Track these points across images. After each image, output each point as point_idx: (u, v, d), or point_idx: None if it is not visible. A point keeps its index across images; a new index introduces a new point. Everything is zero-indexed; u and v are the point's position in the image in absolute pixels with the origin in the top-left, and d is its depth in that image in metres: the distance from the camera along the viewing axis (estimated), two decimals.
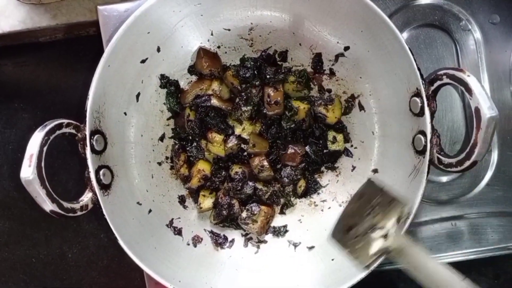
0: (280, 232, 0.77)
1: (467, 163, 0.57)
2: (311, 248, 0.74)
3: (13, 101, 1.02)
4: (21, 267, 1.01)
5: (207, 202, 0.76)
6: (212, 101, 0.75)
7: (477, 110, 0.54)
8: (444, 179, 0.82)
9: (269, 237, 0.77)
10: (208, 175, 0.76)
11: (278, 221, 0.79)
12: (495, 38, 0.81)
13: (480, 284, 0.93)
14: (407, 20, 0.81)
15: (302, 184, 0.78)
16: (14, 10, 0.89)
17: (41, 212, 0.98)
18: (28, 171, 0.54)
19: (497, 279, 0.93)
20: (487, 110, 0.53)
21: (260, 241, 0.77)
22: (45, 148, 0.56)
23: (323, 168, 0.79)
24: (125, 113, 0.71)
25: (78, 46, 1.00)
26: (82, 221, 1.00)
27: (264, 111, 0.76)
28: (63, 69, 1.03)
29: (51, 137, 0.57)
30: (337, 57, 0.74)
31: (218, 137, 0.76)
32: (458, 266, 0.91)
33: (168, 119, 0.77)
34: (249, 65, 0.75)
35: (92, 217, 1.00)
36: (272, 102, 0.74)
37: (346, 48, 0.72)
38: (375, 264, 0.63)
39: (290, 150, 0.76)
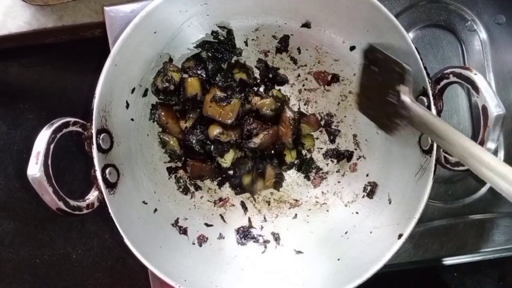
0: (285, 232, 0.77)
1: None
2: (317, 248, 0.74)
3: (19, 102, 1.02)
4: (25, 267, 1.01)
5: None
6: None
7: (484, 108, 0.54)
8: (450, 179, 0.82)
9: (274, 237, 0.77)
10: None
11: (284, 221, 0.79)
12: (500, 38, 0.81)
13: (485, 286, 0.93)
14: (413, 21, 0.81)
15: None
16: (20, 11, 0.89)
17: (46, 213, 0.99)
18: (35, 169, 0.54)
19: (502, 281, 0.93)
20: (494, 108, 0.53)
21: (265, 241, 0.76)
22: (52, 146, 0.56)
23: (327, 168, 0.80)
24: (131, 113, 0.71)
25: (83, 48, 1.00)
26: (86, 222, 1.00)
27: None
28: (68, 70, 1.03)
29: (58, 135, 0.58)
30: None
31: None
32: (463, 267, 0.91)
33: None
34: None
35: (96, 218, 0.99)
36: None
37: (352, 48, 0.72)
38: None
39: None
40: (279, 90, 0.79)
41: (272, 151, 0.79)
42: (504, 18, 0.81)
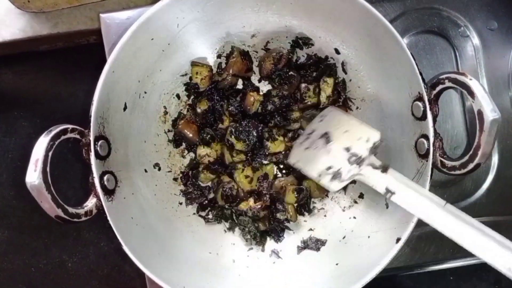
0: (283, 237, 0.77)
1: (471, 166, 0.57)
2: (315, 253, 0.75)
3: (13, 109, 1.02)
4: (20, 276, 1.00)
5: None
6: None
7: (480, 113, 0.55)
8: (446, 183, 0.83)
9: (272, 242, 0.77)
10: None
11: None
12: (493, 44, 0.82)
13: None
14: (406, 27, 0.82)
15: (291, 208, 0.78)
16: (14, 18, 0.89)
17: (41, 221, 0.99)
18: (33, 176, 0.54)
19: (498, 284, 0.94)
20: (490, 112, 0.54)
21: (261, 241, 0.77)
22: (50, 153, 0.56)
23: None
24: (129, 119, 0.71)
25: (78, 55, 1.00)
26: (82, 230, 0.99)
27: None
28: (63, 77, 1.03)
29: (56, 142, 0.58)
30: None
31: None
32: (459, 271, 0.92)
33: (172, 126, 0.78)
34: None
35: (92, 225, 0.99)
36: None
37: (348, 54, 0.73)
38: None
39: None
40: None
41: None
42: (496, 24, 0.82)
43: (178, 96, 0.77)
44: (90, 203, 0.62)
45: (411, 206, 0.61)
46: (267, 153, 0.76)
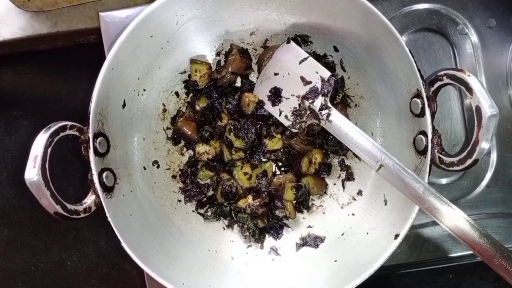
0: (282, 234, 0.78)
1: (469, 161, 0.57)
2: (313, 250, 0.75)
3: (13, 108, 1.02)
4: (20, 275, 1.00)
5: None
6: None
7: (478, 108, 0.55)
8: (444, 181, 0.83)
9: (271, 239, 0.77)
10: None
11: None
12: (491, 41, 0.82)
13: (481, 287, 0.93)
14: (405, 25, 0.82)
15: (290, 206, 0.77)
16: (15, 17, 0.89)
17: (41, 219, 0.99)
18: (32, 172, 0.54)
19: (497, 282, 0.94)
20: (488, 108, 0.54)
21: (260, 238, 0.77)
22: (49, 150, 0.57)
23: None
24: (127, 117, 0.71)
25: (78, 54, 1.00)
26: (81, 229, 1.00)
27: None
28: (63, 76, 1.03)
29: (55, 139, 0.58)
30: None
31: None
32: (459, 269, 0.91)
33: (170, 123, 0.78)
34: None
35: (91, 224, 0.99)
36: None
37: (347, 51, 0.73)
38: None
39: None
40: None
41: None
42: (495, 22, 0.82)
43: (177, 93, 0.78)
44: (89, 200, 0.62)
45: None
46: (265, 151, 0.76)
